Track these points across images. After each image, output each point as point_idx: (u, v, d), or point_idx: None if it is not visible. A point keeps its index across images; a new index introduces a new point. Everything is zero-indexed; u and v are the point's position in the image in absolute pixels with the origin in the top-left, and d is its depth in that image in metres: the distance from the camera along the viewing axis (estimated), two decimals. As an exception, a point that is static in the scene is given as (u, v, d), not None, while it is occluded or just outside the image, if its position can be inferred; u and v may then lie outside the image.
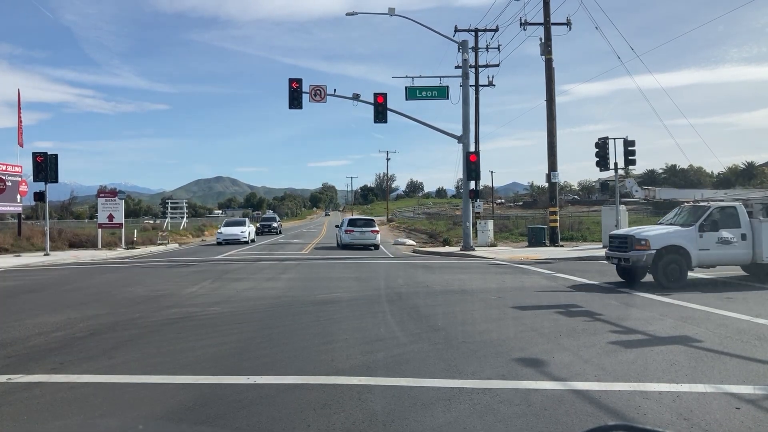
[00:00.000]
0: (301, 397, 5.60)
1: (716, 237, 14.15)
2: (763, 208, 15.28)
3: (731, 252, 14.30)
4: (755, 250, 14.32)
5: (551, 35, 29.41)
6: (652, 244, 14.01)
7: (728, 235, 14.19)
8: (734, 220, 14.41)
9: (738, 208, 14.54)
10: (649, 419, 5.01)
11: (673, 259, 13.96)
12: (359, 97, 26.78)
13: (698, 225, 14.22)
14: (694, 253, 14.03)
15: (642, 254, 13.99)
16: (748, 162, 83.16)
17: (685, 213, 15.39)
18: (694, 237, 14.12)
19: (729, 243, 14.18)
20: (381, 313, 10.56)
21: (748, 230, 14.33)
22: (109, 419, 5.15)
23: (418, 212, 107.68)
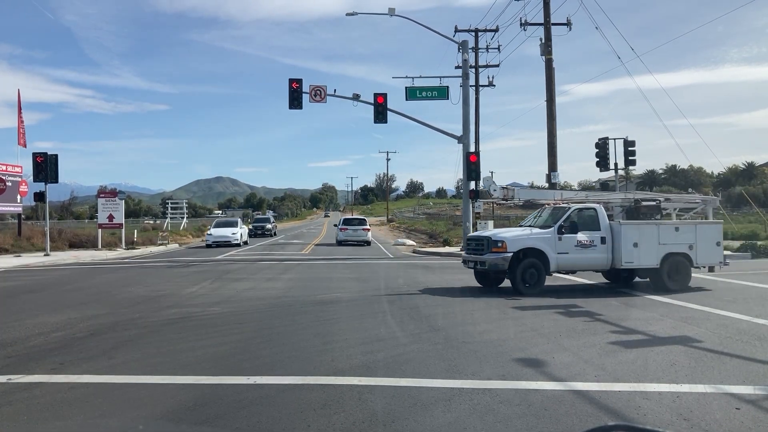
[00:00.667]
0: (302, 398, 5.61)
1: (575, 240, 13.44)
2: (623, 211, 14.90)
3: (590, 256, 13.59)
4: (614, 254, 13.61)
5: (551, 35, 29.43)
6: (509, 247, 13.24)
7: (588, 239, 13.50)
8: (594, 222, 13.76)
9: (598, 210, 13.92)
10: (649, 419, 5.01)
11: (531, 263, 13.20)
12: (359, 98, 26.77)
13: (557, 227, 13.49)
14: (552, 256, 13.34)
15: (499, 257, 13.21)
16: (748, 162, 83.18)
17: (545, 214, 14.69)
18: (553, 240, 13.40)
19: (588, 246, 13.50)
20: (381, 314, 10.56)
21: (607, 233, 13.65)
22: (109, 419, 5.15)
23: (418, 212, 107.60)
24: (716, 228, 14.39)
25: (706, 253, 13.89)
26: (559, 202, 14.92)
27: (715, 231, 14.22)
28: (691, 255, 13.74)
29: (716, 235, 14.18)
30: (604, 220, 13.80)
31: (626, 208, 14.86)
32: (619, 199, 15.47)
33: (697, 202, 16.01)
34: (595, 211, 13.94)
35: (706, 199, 16.45)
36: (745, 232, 30.54)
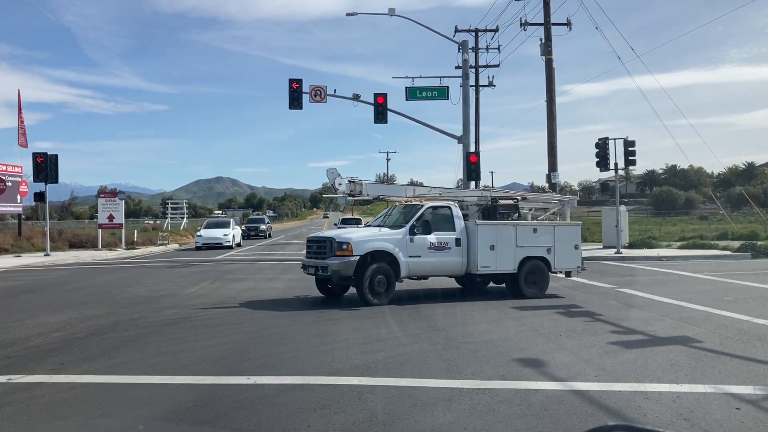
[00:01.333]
0: (302, 398, 5.61)
1: (428, 242, 12.05)
2: (479, 210, 13.68)
3: (445, 260, 12.24)
4: (470, 258, 12.38)
5: (551, 35, 29.41)
6: (356, 249, 11.52)
7: (442, 240, 12.19)
8: (448, 222, 12.47)
9: (452, 209, 12.65)
10: (649, 419, 5.01)
11: (380, 268, 11.56)
12: (359, 98, 26.76)
13: (409, 227, 11.97)
14: (403, 260, 11.79)
15: (343, 262, 11.43)
16: (748, 162, 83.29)
17: (395, 213, 13.26)
18: (404, 241, 11.86)
19: (442, 249, 12.16)
20: (381, 314, 10.56)
21: (463, 235, 12.40)
22: (109, 419, 5.15)
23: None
24: (574, 230, 13.55)
25: (564, 256, 13.00)
26: (412, 200, 13.49)
27: (573, 233, 13.38)
28: (550, 259, 12.80)
29: (574, 238, 13.33)
30: (459, 220, 12.58)
31: (483, 207, 13.61)
32: (475, 197, 14.22)
33: (555, 202, 15.13)
34: (449, 210, 12.67)
35: (563, 198, 15.62)
36: (745, 232, 30.56)
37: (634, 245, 26.65)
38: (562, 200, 15.23)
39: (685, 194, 73.54)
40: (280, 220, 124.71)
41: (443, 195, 14.02)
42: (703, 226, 38.51)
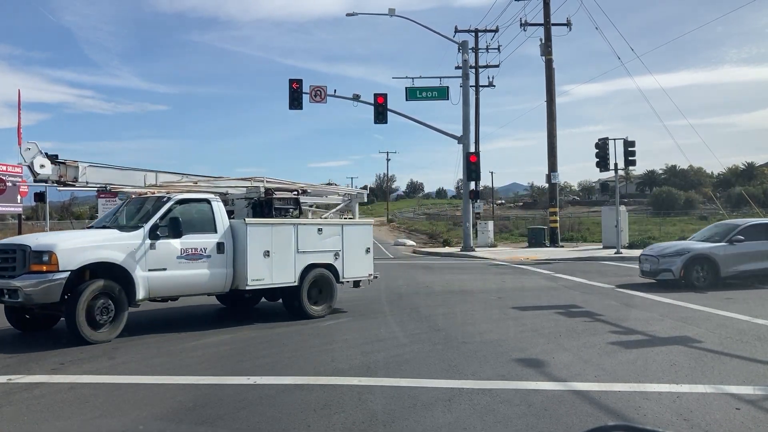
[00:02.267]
0: (302, 398, 5.61)
1: (178, 249, 8.88)
2: (249, 205, 10.77)
3: (202, 273, 9.16)
4: (237, 268, 9.51)
5: (551, 36, 29.45)
6: (64, 262, 7.96)
7: (198, 246, 9.10)
8: (207, 221, 9.45)
9: (213, 203, 9.67)
10: (649, 419, 5.02)
11: (104, 289, 8.22)
12: (359, 98, 26.79)
13: (149, 228, 8.77)
14: (141, 275, 8.56)
15: (42, 281, 7.85)
16: (748, 162, 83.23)
17: (131, 209, 9.75)
18: (142, 248, 8.64)
19: (199, 258, 9.12)
20: (381, 314, 10.56)
21: (227, 238, 9.46)
22: (110, 420, 5.16)
23: (418, 213, 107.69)
24: (365, 230, 11.38)
25: (354, 263, 10.91)
26: (154, 191, 10.10)
27: (364, 234, 11.26)
28: (338, 266, 10.63)
29: (365, 240, 11.26)
30: (222, 218, 9.60)
31: (254, 201, 10.75)
32: (243, 189, 11.14)
33: (340, 196, 12.62)
34: (208, 204, 9.63)
35: (351, 192, 13.09)
36: (745, 232, 30.52)
37: (634, 245, 26.65)
38: (350, 194, 12.75)
39: (685, 194, 73.51)
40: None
41: (200, 185, 10.83)
42: (703, 226, 38.40)
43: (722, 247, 13.84)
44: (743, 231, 14.05)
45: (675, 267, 13.66)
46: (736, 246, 13.79)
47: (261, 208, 10.55)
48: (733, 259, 13.73)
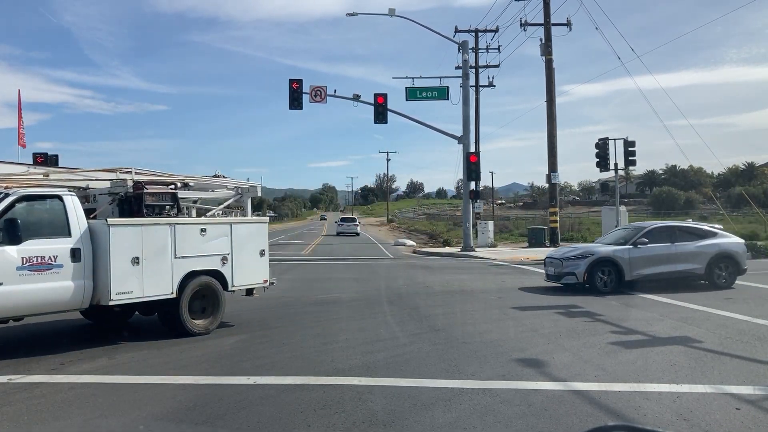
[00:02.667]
0: (302, 398, 5.61)
1: (17, 258, 7.23)
2: (114, 202, 8.79)
3: (50, 287, 7.49)
4: (98, 280, 7.86)
5: (551, 36, 29.44)
6: None
7: (44, 254, 7.44)
8: (58, 223, 7.79)
9: (65, 200, 7.97)
10: (649, 420, 5.02)
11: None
12: (359, 98, 26.80)
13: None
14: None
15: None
16: (748, 162, 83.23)
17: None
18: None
19: (47, 269, 7.46)
20: (381, 314, 10.56)
21: (84, 243, 7.81)
22: (110, 419, 5.16)
23: (418, 213, 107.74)
24: (259, 229, 10.00)
25: (246, 268, 9.50)
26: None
27: (258, 234, 9.87)
28: (226, 273, 9.13)
29: (260, 241, 9.88)
30: (78, 218, 7.92)
31: (120, 197, 8.76)
32: (106, 182, 9.11)
33: (230, 190, 10.73)
34: (60, 201, 7.93)
35: (242, 185, 10.89)
36: (745, 232, 30.51)
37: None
38: (241, 188, 10.77)
39: (685, 194, 73.53)
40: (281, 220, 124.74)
41: (51, 177, 8.98)
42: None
43: (627, 250, 13.35)
44: (648, 233, 13.62)
45: (578, 270, 13.24)
46: (640, 249, 13.34)
47: (129, 206, 8.69)
48: (637, 262, 13.26)
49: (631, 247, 13.41)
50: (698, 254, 13.55)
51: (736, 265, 13.82)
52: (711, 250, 13.61)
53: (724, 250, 13.75)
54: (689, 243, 13.64)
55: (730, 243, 14.11)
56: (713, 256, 13.56)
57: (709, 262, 13.51)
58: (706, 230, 14.28)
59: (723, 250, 13.75)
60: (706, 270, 13.53)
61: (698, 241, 13.73)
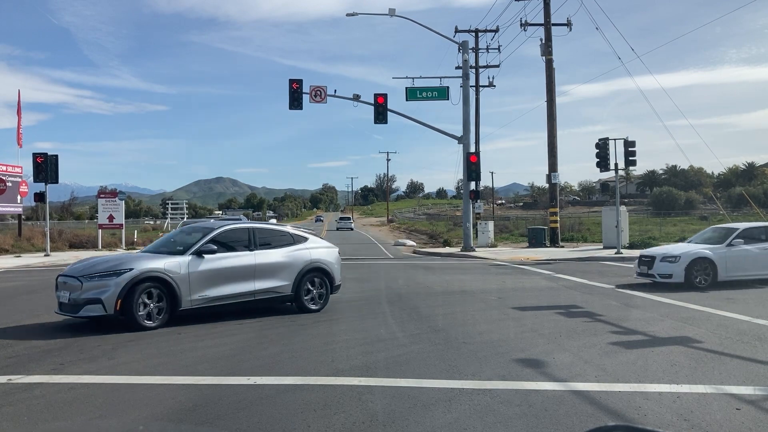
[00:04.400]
0: (302, 398, 5.61)
1: None
2: None
3: None
4: None
5: (551, 36, 29.42)
6: None
7: None
8: None
9: None
10: (649, 420, 5.01)
11: None
12: (359, 98, 26.80)
13: None
14: None
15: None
16: (748, 163, 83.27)
17: None
18: None
19: None
20: (381, 314, 10.55)
21: None
22: (110, 420, 5.15)
23: (418, 213, 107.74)
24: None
25: None
26: None
27: None
28: None
29: None
30: None
31: None
32: None
33: None
34: None
35: None
36: (745, 232, 30.51)
37: (635, 245, 26.63)
38: None
39: (686, 194, 73.54)
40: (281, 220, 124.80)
41: None
42: (703, 226, 38.45)
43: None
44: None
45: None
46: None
47: None
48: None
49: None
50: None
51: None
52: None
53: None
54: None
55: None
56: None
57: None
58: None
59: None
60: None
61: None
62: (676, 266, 13.73)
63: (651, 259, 14.34)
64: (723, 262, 13.67)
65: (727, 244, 13.95)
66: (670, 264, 13.83)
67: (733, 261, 13.75)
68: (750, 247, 13.95)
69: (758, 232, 14.46)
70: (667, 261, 13.93)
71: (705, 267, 13.66)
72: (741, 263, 13.82)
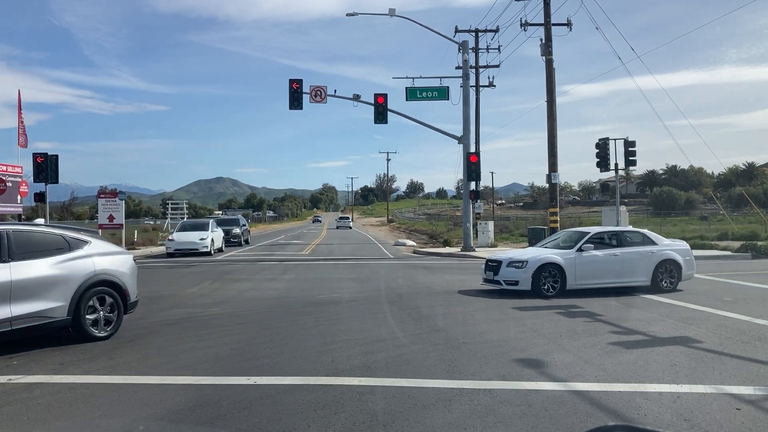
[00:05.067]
0: (302, 398, 5.61)
1: None
2: None
3: None
4: None
5: (552, 36, 29.40)
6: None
7: None
8: None
9: None
10: (649, 420, 5.01)
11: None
12: (360, 98, 26.80)
13: None
14: None
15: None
16: (748, 163, 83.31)
17: None
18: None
19: None
20: (381, 314, 10.55)
21: None
22: (110, 420, 5.16)
23: (418, 213, 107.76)
24: None
25: None
26: None
27: None
28: None
29: None
30: None
31: None
32: None
33: None
34: None
35: None
36: (745, 232, 30.56)
37: (635, 246, 26.61)
38: None
39: (686, 194, 73.58)
40: (281, 220, 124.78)
41: None
42: (703, 226, 38.52)
43: None
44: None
45: None
46: None
47: None
48: None
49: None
50: None
51: None
52: None
53: None
54: None
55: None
56: None
57: None
58: None
59: None
60: None
61: None
62: (522, 272, 12.71)
63: (497, 264, 13.27)
64: (572, 269, 12.69)
65: (577, 249, 12.92)
66: (517, 270, 12.82)
67: (582, 268, 12.74)
68: (600, 253, 12.96)
69: (609, 237, 13.55)
70: (513, 266, 12.91)
71: (554, 274, 12.65)
72: (590, 270, 12.79)
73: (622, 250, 13.21)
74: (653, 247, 13.47)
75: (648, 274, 13.15)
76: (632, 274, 13.14)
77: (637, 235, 13.91)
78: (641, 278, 13.16)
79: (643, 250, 13.33)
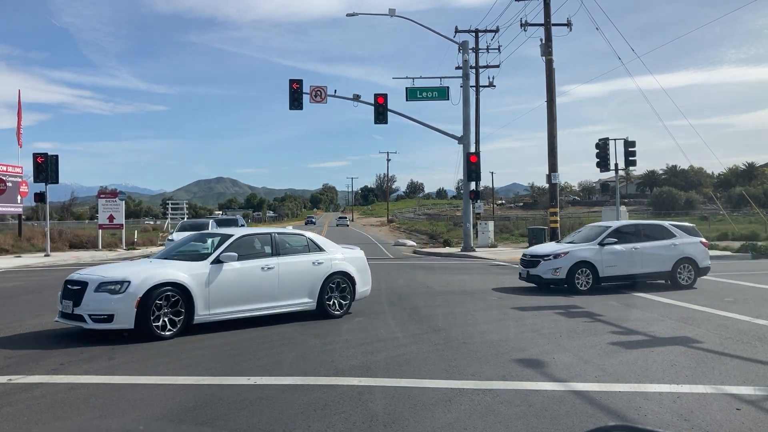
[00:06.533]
0: (302, 398, 5.61)
1: None
2: None
3: None
4: None
5: (552, 36, 29.40)
6: None
7: None
8: None
9: None
10: (649, 420, 5.01)
11: None
12: (360, 98, 26.80)
13: None
14: None
15: None
16: (748, 163, 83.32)
17: None
18: None
19: None
20: (381, 314, 10.55)
21: None
22: (110, 420, 5.15)
23: (418, 213, 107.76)
24: None
25: None
26: None
27: None
28: None
29: None
30: None
31: None
32: None
33: None
34: None
35: None
36: (745, 232, 30.56)
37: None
38: None
39: (686, 195, 73.58)
40: (281, 220, 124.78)
41: None
42: (703, 226, 38.46)
43: None
44: None
45: None
46: None
47: None
48: None
49: None
50: None
51: None
52: None
53: None
54: None
55: None
56: None
57: None
58: None
59: None
60: None
61: None
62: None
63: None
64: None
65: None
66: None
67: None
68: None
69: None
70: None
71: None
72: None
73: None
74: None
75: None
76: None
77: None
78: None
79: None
